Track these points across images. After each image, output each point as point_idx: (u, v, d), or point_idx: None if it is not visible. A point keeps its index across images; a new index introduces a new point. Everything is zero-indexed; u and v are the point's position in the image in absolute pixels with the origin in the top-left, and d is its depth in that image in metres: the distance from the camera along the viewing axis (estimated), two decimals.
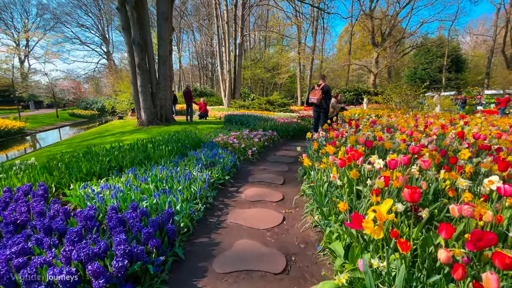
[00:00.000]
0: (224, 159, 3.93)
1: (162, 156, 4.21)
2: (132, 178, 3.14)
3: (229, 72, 20.70)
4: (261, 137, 5.88)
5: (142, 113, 9.82)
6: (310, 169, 3.50)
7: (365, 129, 4.34)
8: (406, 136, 4.00)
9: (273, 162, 4.73)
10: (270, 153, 5.42)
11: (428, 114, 9.48)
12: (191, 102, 10.88)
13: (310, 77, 30.80)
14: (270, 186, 3.50)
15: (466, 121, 6.05)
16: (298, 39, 29.80)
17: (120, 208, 2.46)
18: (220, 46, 21.39)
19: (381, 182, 1.82)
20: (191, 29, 42.35)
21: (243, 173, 4.02)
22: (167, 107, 10.26)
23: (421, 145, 3.19)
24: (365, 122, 7.06)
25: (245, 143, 5.13)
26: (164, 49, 9.79)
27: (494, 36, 31.27)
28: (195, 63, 46.99)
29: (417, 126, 5.69)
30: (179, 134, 5.77)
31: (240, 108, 17.62)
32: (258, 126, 7.50)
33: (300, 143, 6.68)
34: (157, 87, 9.85)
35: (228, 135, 6.15)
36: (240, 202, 2.98)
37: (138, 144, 4.79)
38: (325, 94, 6.73)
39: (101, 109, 29.12)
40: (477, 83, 34.46)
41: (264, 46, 43.46)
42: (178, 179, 2.99)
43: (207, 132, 7.41)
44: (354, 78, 44.78)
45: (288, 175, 3.97)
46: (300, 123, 8.15)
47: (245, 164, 4.52)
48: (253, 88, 38.97)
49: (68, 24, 41.51)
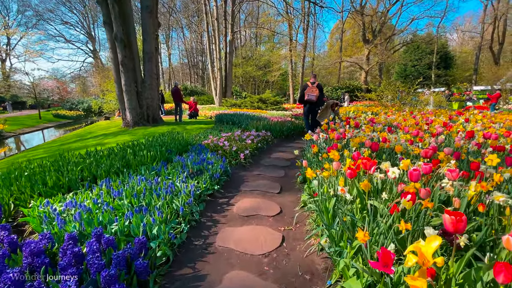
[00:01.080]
0: (214, 165, 3.51)
1: (143, 163, 3.75)
2: (104, 192, 2.68)
3: (220, 70, 20.16)
4: (254, 138, 5.47)
5: (127, 114, 9.26)
6: None
7: (368, 129, 3.98)
8: (410, 136, 3.67)
9: (268, 166, 4.33)
10: (264, 156, 5.02)
11: (424, 111, 9.26)
12: (180, 101, 10.36)
13: (302, 74, 30.53)
14: (266, 195, 3.10)
15: (467, 118, 5.80)
16: (289, 36, 29.43)
17: (84, 234, 2.01)
18: (210, 43, 20.81)
19: (407, 202, 1.44)
20: (180, 26, 41.43)
21: (235, 180, 3.61)
22: (154, 107, 9.71)
23: (433, 148, 2.84)
24: (363, 120, 6.75)
25: (237, 146, 4.71)
26: (149, 45, 9.23)
27: (481, 33, 31.63)
28: (185, 61, 46.09)
29: (418, 124, 5.40)
30: (164, 137, 5.29)
31: (232, 107, 17.14)
32: (251, 126, 7.08)
33: (295, 144, 6.31)
34: (142, 86, 9.30)
35: (219, 136, 5.72)
36: (231, 218, 2.57)
37: (116, 149, 4.31)
38: (320, 92, 6.72)
39: (87, 110, 28.10)
40: (465, 79, 34.92)
41: (255, 43, 42.95)
42: (158, 193, 2.55)
43: (196, 133, 6.95)
44: (346, 75, 44.79)
45: (285, 182, 3.58)
46: (294, 122, 7.78)
47: (237, 169, 4.11)
48: (244, 86, 38.48)
49: (52, 21, 39.85)
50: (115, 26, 8.42)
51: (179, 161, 3.64)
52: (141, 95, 9.33)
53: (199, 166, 3.38)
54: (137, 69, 9.22)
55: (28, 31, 33.50)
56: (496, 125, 5.30)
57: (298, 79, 31.42)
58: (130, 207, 2.32)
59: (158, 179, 2.90)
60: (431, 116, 6.94)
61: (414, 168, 1.75)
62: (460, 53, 41.43)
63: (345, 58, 35.95)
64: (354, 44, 45.46)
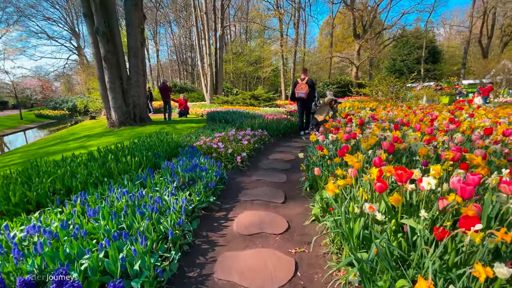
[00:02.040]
0: (208, 172, 3.08)
1: (127, 170, 3.29)
2: (78, 210, 2.23)
3: (210, 66, 19.55)
4: (250, 138, 5.06)
5: (112, 113, 8.68)
6: (319, 179, 2.74)
7: (377, 129, 3.62)
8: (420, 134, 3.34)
9: (267, 169, 3.94)
10: (262, 157, 4.62)
11: (421, 106, 9.04)
12: (168, 99, 9.82)
13: (294, 70, 30.19)
14: (269, 206, 2.70)
15: (472, 113, 5.56)
16: (280, 30, 28.95)
17: (47, 271, 1.57)
18: (200, 38, 20.14)
19: (476, 235, 1.07)
20: (168, 21, 40.29)
21: (233, 188, 3.19)
22: (141, 105, 9.15)
23: (457, 149, 2.51)
24: (363, 116, 6.43)
25: (233, 147, 4.29)
26: (134, 39, 8.64)
27: (470, 27, 31.95)
28: (174, 58, 45.00)
29: (422, 120, 5.11)
30: (152, 138, 4.81)
31: (224, 104, 16.64)
32: (246, 124, 6.66)
33: (293, 143, 5.94)
34: (128, 83, 8.71)
35: (212, 136, 5.28)
36: (231, 238, 2.16)
37: (96, 154, 3.82)
38: (311, 88, 6.55)
39: (72, 109, 26.97)
40: (453, 73, 35.41)
41: (245, 39, 42.26)
42: (142, 211, 2.11)
43: (187, 133, 6.48)
44: (336, 70, 44.77)
45: (289, 188, 3.19)
46: (290, 120, 7.41)
47: (234, 174, 3.70)
48: (235, 83, 37.88)
49: (33, 17, 37.99)
50: (96, 19, 7.80)
51: (168, 167, 3.20)
52: (126, 93, 8.75)
53: (191, 174, 2.95)
54: (122, 65, 8.62)
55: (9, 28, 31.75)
56: (504, 119, 5.07)
57: (289, 75, 31.07)
58: (107, 232, 1.88)
59: (143, 192, 2.46)
60: (434, 111, 6.68)
61: (466, 183, 1.39)
62: (448, 47, 41.97)
63: (336, 54, 35.80)
64: (344, 40, 45.41)
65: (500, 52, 29.52)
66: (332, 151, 3.12)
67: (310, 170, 3.05)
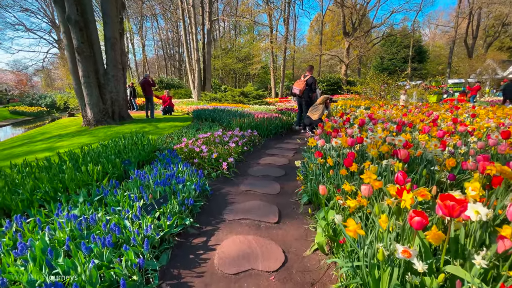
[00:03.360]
0: (186, 184, 2.54)
1: (87, 182, 2.70)
2: (6, 243, 1.66)
3: (198, 62, 18.78)
4: (239, 139, 4.54)
5: (87, 110, 7.93)
6: (320, 195, 2.26)
7: (381, 131, 3.17)
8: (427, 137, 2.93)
9: (258, 177, 3.43)
10: (251, 162, 4.10)
11: (417, 105, 8.78)
12: (151, 95, 9.13)
13: (284, 67, 29.73)
14: (260, 228, 2.20)
15: (474, 114, 5.25)
16: (269, 26, 28.37)
17: None
18: (187, 32, 19.30)
19: None
20: (154, 15, 38.87)
21: (217, 202, 2.67)
22: (121, 102, 8.43)
23: (485, 157, 2.08)
24: (360, 115, 6.03)
25: (218, 151, 3.75)
26: (111, 30, 7.89)
27: (456, 27, 32.47)
28: (161, 53, 43.59)
29: (424, 121, 4.74)
30: (126, 140, 4.20)
31: (212, 101, 15.99)
32: (234, 124, 6.12)
33: (285, 144, 5.46)
34: (105, 78, 7.97)
35: (196, 137, 4.72)
36: (211, 279, 1.64)
37: (57, 160, 3.20)
38: (309, 86, 6.60)
39: (50, 105, 25.48)
40: (438, 72, 36.05)
41: (234, 35, 41.44)
42: (88, 247, 1.55)
43: (168, 133, 5.88)
44: (326, 68, 44.79)
45: (283, 202, 2.69)
46: (282, 119, 6.92)
47: (219, 183, 3.17)
48: (224, 79, 37.12)
49: (10, 8, 35.62)
50: (68, 5, 7.02)
51: (137, 179, 2.63)
52: (103, 88, 8.01)
53: (164, 188, 2.40)
54: (98, 58, 7.86)
55: None
56: (507, 121, 4.77)
57: (279, 72, 30.61)
58: (30, 286, 1.32)
59: (97, 216, 1.90)
60: (432, 111, 6.36)
61: None
62: (433, 47, 42.73)
63: (325, 51, 35.60)
64: (333, 38, 45.44)
65: (484, 52, 30.13)
66: (334, 158, 2.65)
67: (309, 181, 2.57)
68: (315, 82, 6.72)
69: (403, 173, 1.60)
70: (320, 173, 2.62)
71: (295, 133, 6.88)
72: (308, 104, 6.79)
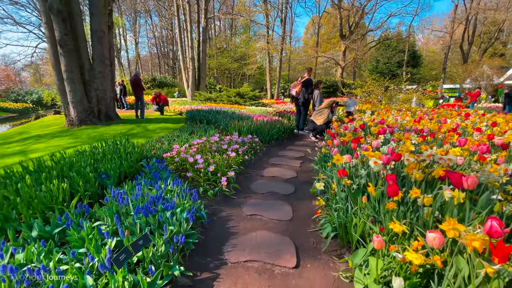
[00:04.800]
0: (175, 212, 1.97)
1: (48, 205, 2.10)
2: None
3: (193, 60, 18.12)
4: (239, 146, 3.98)
5: (70, 109, 7.24)
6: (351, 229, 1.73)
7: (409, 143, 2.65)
8: (461, 151, 2.45)
9: (263, 195, 2.87)
10: (253, 174, 3.55)
11: (423, 110, 8.38)
12: (141, 94, 8.48)
13: (280, 68, 29.32)
14: (274, 278, 1.63)
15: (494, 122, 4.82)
16: (266, 25, 27.89)
17: None
18: (181, 29, 18.63)
19: None
20: (148, 11, 37.94)
21: (214, 233, 2.11)
22: (108, 101, 7.76)
23: None
24: (368, 121, 5.55)
25: (216, 162, 3.19)
26: (98, 22, 7.23)
27: (451, 32, 32.65)
28: (154, 51, 42.61)
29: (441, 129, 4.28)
30: (106, 147, 3.59)
31: (206, 101, 15.36)
32: (232, 128, 5.56)
33: (289, 152, 4.92)
34: (91, 74, 7.31)
35: (189, 143, 4.14)
36: None
37: (20, 170, 2.58)
38: (305, 87, 6.47)
39: (37, 102, 24.41)
40: (432, 77, 36.31)
41: (230, 34, 40.82)
42: None
43: (158, 137, 5.27)
44: (321, 71, 44.64)
45: (299, 233, 2.15)
46: (283, 122, 6.39)
47: (217, 204, 2.60)
48: (219, 79, 36.49)
49: None
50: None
51: (114, 201, 2.04)
52: (89, 85, 7.34)
53: (147, 218, 1.83)
54: (83, 52, 7.19)
55: None
56: None
57: (275, 73, 30.16)
58: None
59: (48, 267, 1.32)
60: (447, 117, 5.94)
61: None
62: (427, 52, 43.09)
63: (321, 54, 35.35)
64: (328, 41, 45.35)
65: (479, 58, 30.34)
66: (363, 177, 2.12)
67: (333, 209, 2.04)
68: (311, 82, 6.58)
69: (499, 221, 1.08)
70: (346, 196, 2.09)
71: (297, 138, 6.37)
72: (305, 106, 6.71)
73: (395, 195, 1.62)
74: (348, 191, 2.08)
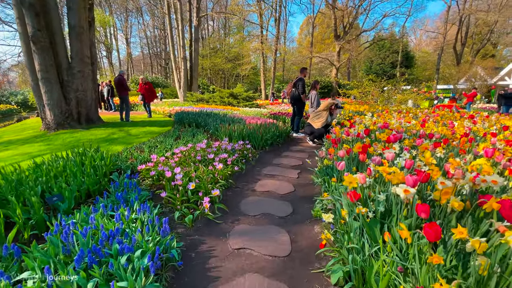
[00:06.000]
0: (133, 258, 1.46)
1: None
2: None
3: (184, 60, 17.54)
4: (228, 155, 3.48)
5: (47, 112, 6.65)
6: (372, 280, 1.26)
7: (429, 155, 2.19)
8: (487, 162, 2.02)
9: (255, 218, 2.38)
10: (244, 188, 3.06)
11: (424, 112, 8.01)
12: (125, 95, 7.91)
13: (274, 69, 28.91)
14: None
15: (506, 126, 4.45)
16: (260, 24, 27.43)
17: None
18: (172, 28, 18.03)
19: None
20: (139, 9, 37.14)
21: (189, 281, 1.60)
22: (88, 102, 7.18)
23: None
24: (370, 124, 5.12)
25: (199, 176, 2.69)
26: (77, 17, 6.65)
27: (444, 33, 32.76)
28: (146, 51, 41.76)
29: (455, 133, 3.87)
30: (71, 157, 3.05)
31: (198, 103, 14.81)
32: (222, 132, 5.06)
33: (284, 159, 4.45)
34: (69, 73, 6.73)
35: (171, 152, 3.63)
36: None
37: None
38: (295, 87, 6.36)
39: (22, 103, 23.46)
40: (425, 78, 36.44)
41: (223, 34, 40.25)
42: None
43: (139, 143, 4.73)
44: (316, 71, 44.41)
45: (301, 276, 1.67)
46: (278, 125, 5.91)
47: (196, 232, 2.10)
48: (213, 80, 35.90)
49: None
50: None
51: (53, 241, 1.53)
52: (67, 86, 6.76)
53: (89, 271, 1.32)
54: (60, 50, 6.61)
55: None
56: None
57: (270, 74, 29.73)
58: None
59: None
60: (451, 119, 5.56)
61: None
62: (420, 53, 43.35)
63: (316, 54, 35.08)
64: (323, 41, 45.20)
65: (472, 59, 30.45)
66: (381, 203, 1.66)
67: (345, 248, 1.56)
68: (299, 81, 6.31)
69: None
70: (360, 227, 1.62)
71: (293, 143, 5.91)
72: (298, 106, 6.52)
73: (437, 239, 1.16)
74: (363, 220, 1.61)
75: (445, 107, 16.06)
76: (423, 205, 1.36)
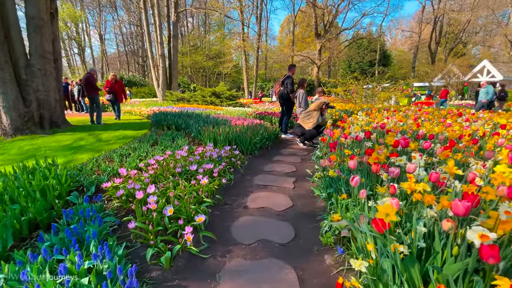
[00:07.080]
0: None
1: None
2: None
3: (163, 57, 16.64)
4: (214, 165, 3.00)
5: (2, 115, 5.79)
6: None
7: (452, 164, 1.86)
8: None
9: (250, 248, 1.93)
10: (234, 206, 2.60)
11: (413, 110, 7.91)
12: (95, 95, 7.15)
13: (257, 66, 28.49)
14: None
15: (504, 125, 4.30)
16: (241, 21, 26.86)
17: None
18: (149, 23, 17.06)
19: None
20: (114, 5, 35.28)
21: None
22: (52, 104, 6.38)
23: None
24: (362, 125, 4.83)
25: (178, 195, 2.20)
26: (36, 7, 5.84)
27: (419, 33, 33.89)
28: (122, 48, 39.80)
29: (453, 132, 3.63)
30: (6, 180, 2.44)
31: (179, 102, 14.07)
32: (206, 136, 4.55)
33: (276, 164, 4.04)
34: (28, 72, 5.91)
35: (145, 163, 3.09)
36: None
37: None
38: (283, 86, 6.06)
39: None
40: (401, 76, 37.62)
41: (204, 31, 39.21)
42: None
43: (109, 151, 4.11)
44: (298, 70, 44.52)
45: None
46: (266, 127, 5.49)
47: (174, 276, 1.61)
48: (194, 78, 34.88)
49: None
50: None
51: None
52: (26, 86, 5.93)
53: None
54: (17, 46, 5.77)
55: None
56: None
57: (252, 72, 29.27)
58: None
59: None
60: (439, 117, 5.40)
61: None
62: (395, 51, 44.75)
63: (298, 52, 35.06)
64: (303, 40, 45.36)
65: (445, 58, 31.70)
66: (420, 237, 1.27)
67: None
68: (287, 79, 5.98)
69: None
70: (393, 266, 1.23)
71: (282, 145, 5.51)
72: (287, 105, 6.23)
73: None
74: (395, 259, 1.21)
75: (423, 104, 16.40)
76: (492, 247, 0.98)
